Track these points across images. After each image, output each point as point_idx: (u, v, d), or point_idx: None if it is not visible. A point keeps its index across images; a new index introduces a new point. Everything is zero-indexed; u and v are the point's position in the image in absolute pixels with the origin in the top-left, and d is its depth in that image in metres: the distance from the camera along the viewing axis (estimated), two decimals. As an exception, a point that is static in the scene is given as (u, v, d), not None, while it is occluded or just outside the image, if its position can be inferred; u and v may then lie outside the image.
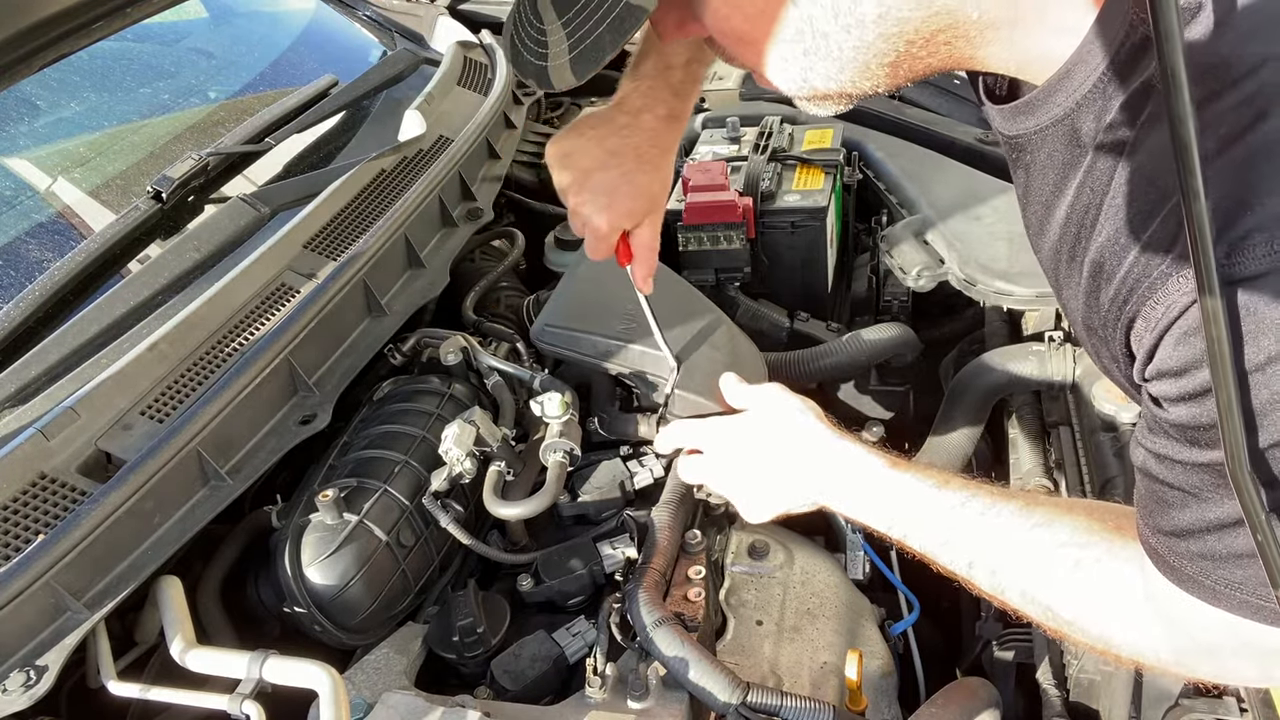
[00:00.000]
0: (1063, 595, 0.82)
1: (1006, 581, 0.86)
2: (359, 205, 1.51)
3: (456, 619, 1.10)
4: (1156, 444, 0.66)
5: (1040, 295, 1.48)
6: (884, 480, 0.94)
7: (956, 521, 0.88)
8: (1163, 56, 0.52)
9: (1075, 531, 0.82)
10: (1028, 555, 0.84)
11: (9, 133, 1.55)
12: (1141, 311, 0.62)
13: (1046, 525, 0.83)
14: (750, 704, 0.96)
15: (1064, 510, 0.85)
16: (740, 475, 1.06)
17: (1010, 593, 0.86)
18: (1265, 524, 0.58)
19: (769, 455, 1.03)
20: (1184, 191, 0.53)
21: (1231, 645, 0.70)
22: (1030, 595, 0.84)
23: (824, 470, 0.99)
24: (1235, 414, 0.56)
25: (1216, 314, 0.54)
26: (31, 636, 0.94)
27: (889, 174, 1.81)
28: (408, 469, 1.19)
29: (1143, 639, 0.77)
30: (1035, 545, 0.83)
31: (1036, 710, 1.13)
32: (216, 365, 1.21)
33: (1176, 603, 0.70)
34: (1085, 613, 0.81)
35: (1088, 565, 0.80)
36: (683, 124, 1.11)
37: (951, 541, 0.89)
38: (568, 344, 1.33)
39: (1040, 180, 0.73)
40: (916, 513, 0.92)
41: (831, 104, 0.74)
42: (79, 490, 1.03)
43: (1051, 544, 0.82)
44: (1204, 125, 0.53)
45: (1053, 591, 0.83)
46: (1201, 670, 0.77)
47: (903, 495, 0.93)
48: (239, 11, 2.24)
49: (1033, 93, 0.69)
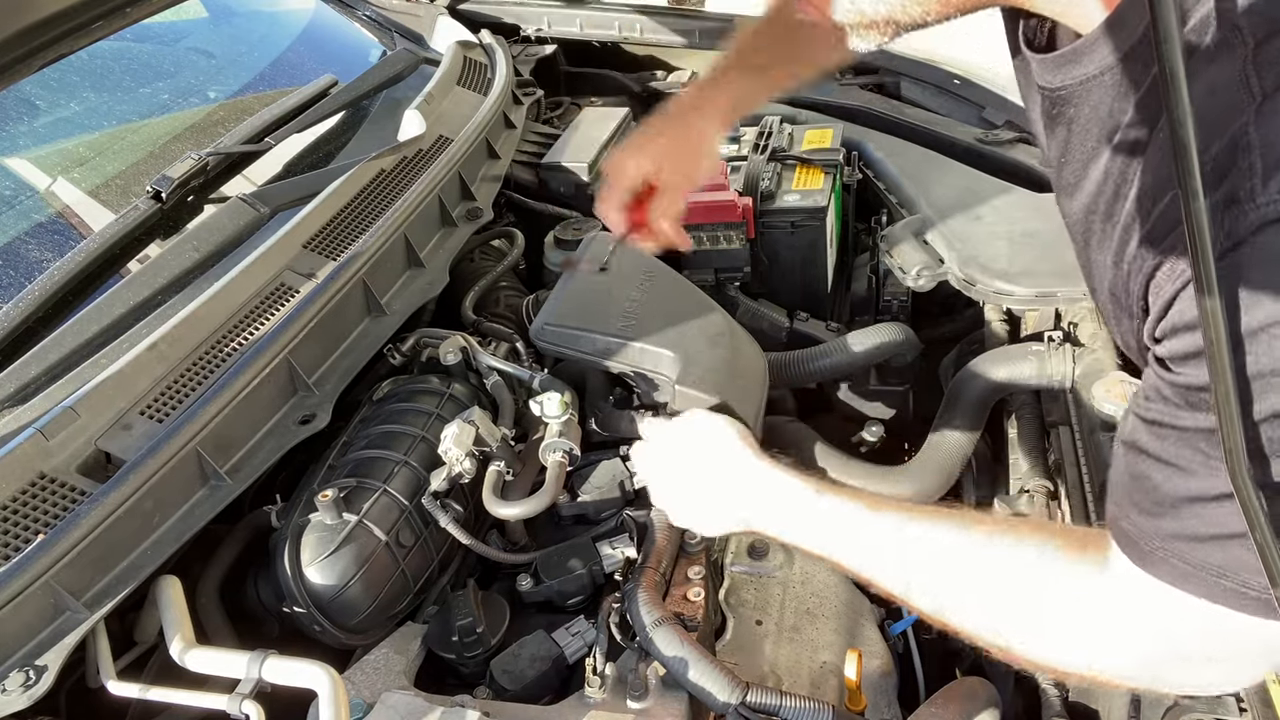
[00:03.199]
0: (1007, 614, 0.80)
1: (947, 604, 0.84)
2: (359, 205, 1.51)
3: (456, 619, 1.10)
4: (1152, 410, 0.65)
5: (1040, 295, 1.48)
6: (814, 506, 0.94)
7: (891, 545, 0.87)
8: (1162, 57, 0.52)
9: (1017, 548, 0.80)
10: (968, 576, 0.83)
11: (9, 133, 1.55)
12: (1167, 260, 0.60)
13: (986, 544, 0.82)
14: (750, 704, 0.96)
15: (1005, 528, 0.82)
16: (674, 491, 1.09)
17: (950, 614, 0.84)
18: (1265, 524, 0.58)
19: (700, 475, 1.05)
20: (1184, 191, 0.53)
21: (1203, 642, 0.68)
22: (973, 616, 0.82)
23: (753, 495, 1.00)
24: (1235, 413, 0.56)
25: (1216, 314, 0.54)
26: (31, 636, 0.94)
27: (889, 174, 1.81)
28: (407, 469, 1.19)
29: (1099, 651, 0.76)
30: (975, 565, 0.82)
31: (1036, 710, 1.13)
32: (216, 365, 1.21)
33: (1147, 597, 0.68)
34: (1033, 630, 0.79)
35: (1032, 581, 0.78)
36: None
37: (887, 566, 0.88)
38: (568, 342, 1.33)
39: (1082, 136, 0.71)
40: (850, 538, 0.91)
41: (876, 34, 0.72)
42: (79, 490, 1.03)
43: (993, 562, 0.81)
44: (1261, 64, 0.53)
45: (997, 611, 0.81)
46: (1166, 678, 0.75)
47: (834, 521, 0.92)
48: (239, 11, 2.24)
49: (1081, 40, 0.67)
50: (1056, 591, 0.77)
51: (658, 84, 2.41)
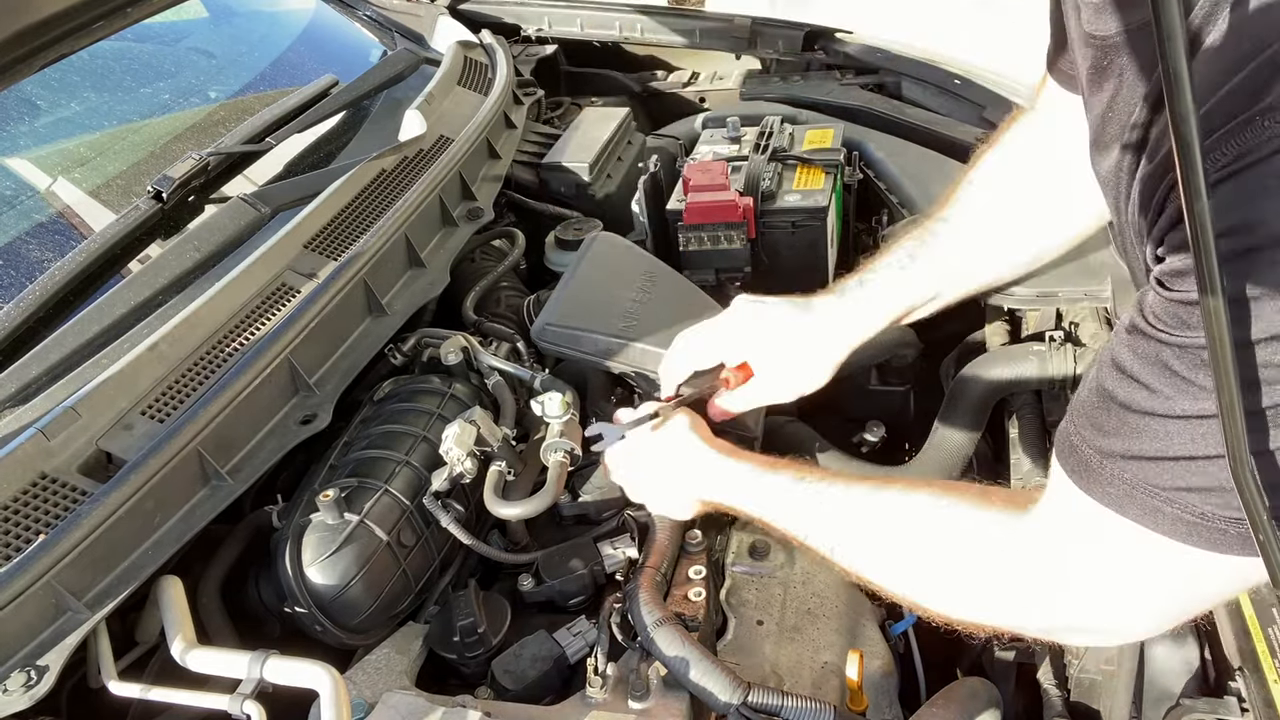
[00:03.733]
0: (920, 570, 0.86)
1: (865, 563, 0.90)
2: (359, 205, 1.50)
3: (457, 619, 1.10)
4: (1139, 324, 0.65)
5: (1041, 295, 1.48)
6: (751, 479, 1.03)
7: (815, 509, 0.94)
8: (1164, 56, 0.52)
9: (934, 505, 0.84)
10: (885, 534, 0.89)
11: (9, 133, 1.54)
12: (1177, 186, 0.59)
13: (902, 502, 0.87)
14: (751, 704, 0.96)
15: (921, 485, 0.87)
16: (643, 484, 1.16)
17: (871, 573, 0.90)
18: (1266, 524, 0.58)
19: (660, 465, 1.12)
20: (1185, 191, 0.53)
21: (1126, 577, 0.70)
22: (892, 573, 0.88)
23: (702, 476, 1.08)
24: (1237, 413, 0.56)
25: (1218, 312, 0.54)
26: (32, 636, 0.94)
27: (889, 174, 1.81)
28: (408, 469, 1.19)
29: (1008, 602, 0.79)
30: (892, 522, 0.88)
31: (1037, 710, 1.13)
32: (217, 365, 1.21)
33: (1075, 532, 0.70)
34: (947, 580, 0.84)
35: (945, 535, 0.82)
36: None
37: (812, 529, 0.95)
38: (569, 343, 1.33)
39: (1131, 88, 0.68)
40: (780, 505, 0.99)
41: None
42: (79, 490, 1.03)
43: (908, 518, 0.86)
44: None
45: (911, 567, 0.86)
46: (1094, 625, 0.77)
47: (768, 490, 1.01)
48: (239, 11, 2.24)
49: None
50: (970, 544, 0.81)
51: (658, 84, 2.41)
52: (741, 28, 2.29)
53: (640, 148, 2.01)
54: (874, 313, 1.13)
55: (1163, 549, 0.65)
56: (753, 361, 1.15)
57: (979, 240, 1.12)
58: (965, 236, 1.12)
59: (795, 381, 1.15)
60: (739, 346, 1.14)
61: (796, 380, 1.15)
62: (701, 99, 2.36)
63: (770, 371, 1.15)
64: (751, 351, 1.14)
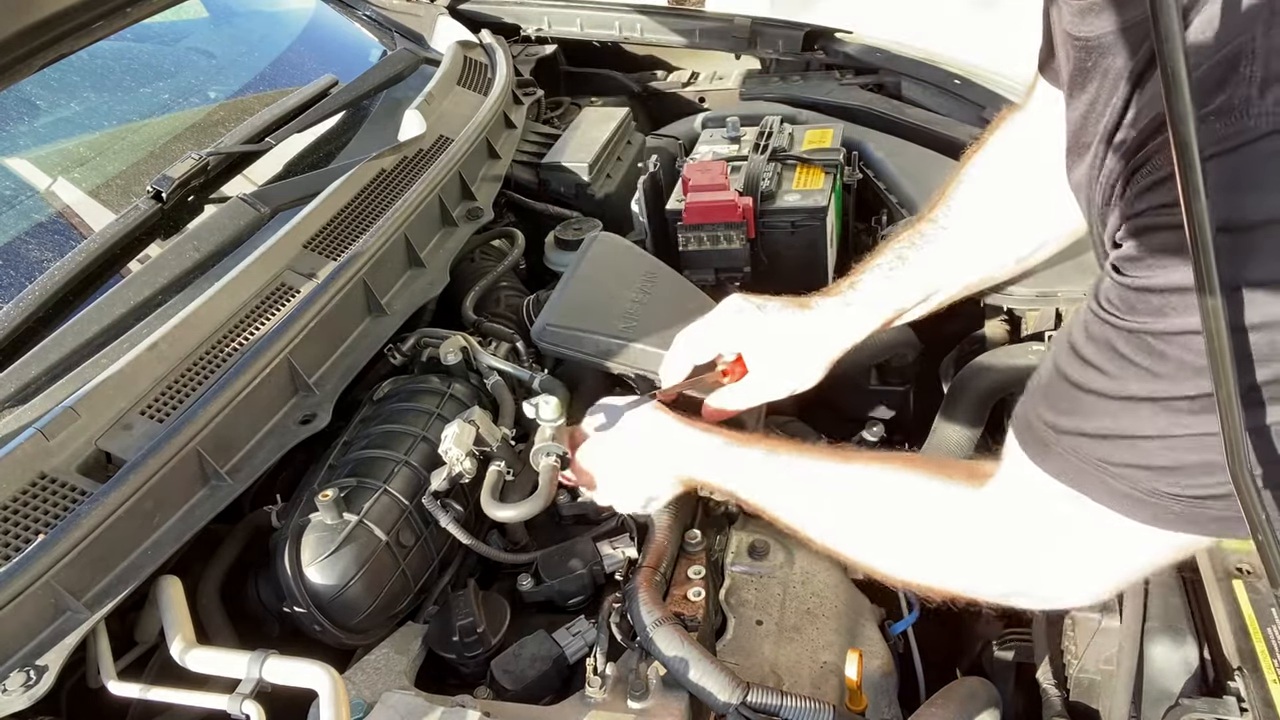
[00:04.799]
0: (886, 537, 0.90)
1: (831, 534, 0.94)
2: (359, 205, 1.50)
3: (456, 619, 1.10)
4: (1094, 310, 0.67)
5: (1040, 295, 1.48)
6: (724, 454, 1.05)
7: (785, 482, 0.98)
8: (1163, 56, 0.52)
9: (897, 477, 0.88)
10: (849, 504, 0.92)
11: (9, 133, 1.55)
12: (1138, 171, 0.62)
13: (867, 474, 0.91)
14: (750, 704, 0.96)
15: (886, 459, 0.92)
16: (600, 473, 1.16)
17: (836, 542, 0.93)
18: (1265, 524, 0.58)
19: (624, 449, 1.14)
20: (1184, 191, 0.53)
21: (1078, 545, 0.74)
22: (856, 543, 0.92)
23: (679, 454, 1.10)
24: (1236, 414, 0.56)
25: (1217, 312, 0.54)
26: (31, 636, 0.94)
27: (889, 174, 1.81)
28: (408, 469, 1.19)
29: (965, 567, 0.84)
30: (856, 494, 0.92)
31: (1036, 710, 1.13)
32: (216, 365, 1.21)
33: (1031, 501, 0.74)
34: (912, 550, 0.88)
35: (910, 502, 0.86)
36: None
37: (783, 502, 0.98)
38: (569, 344, 1.33)
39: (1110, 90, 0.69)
40: (752, 479, 1.02)
41: None
42: (79, 490, 1.03)
43: (871, 490, 0.90)
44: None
45: (876, 535, 0.90)
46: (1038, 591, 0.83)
47: (741, 464, 1.03)
48: (239, 11, 2.24)
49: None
50: (930, 514, 0.85)
51: (657, 84, 2.41)
52: (741, 28, 2.29)
53: (640, 148, 2.01)
54: (866, 315, 1.15)
55: (1108, 521, 0.69)
56: (747, 357, 1.16)
57: (968, 241, 1.13)
58: (955, 237, 1.13)
59: (788, 379, 1.17)
60: (734, 342, 1.16)
61: (789, 378, 1.17)
62: (701, 99, 2.36)
63: (764, 368, 1.16)
64: (747, 347, 1.16)
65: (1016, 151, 1.09)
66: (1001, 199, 1.10)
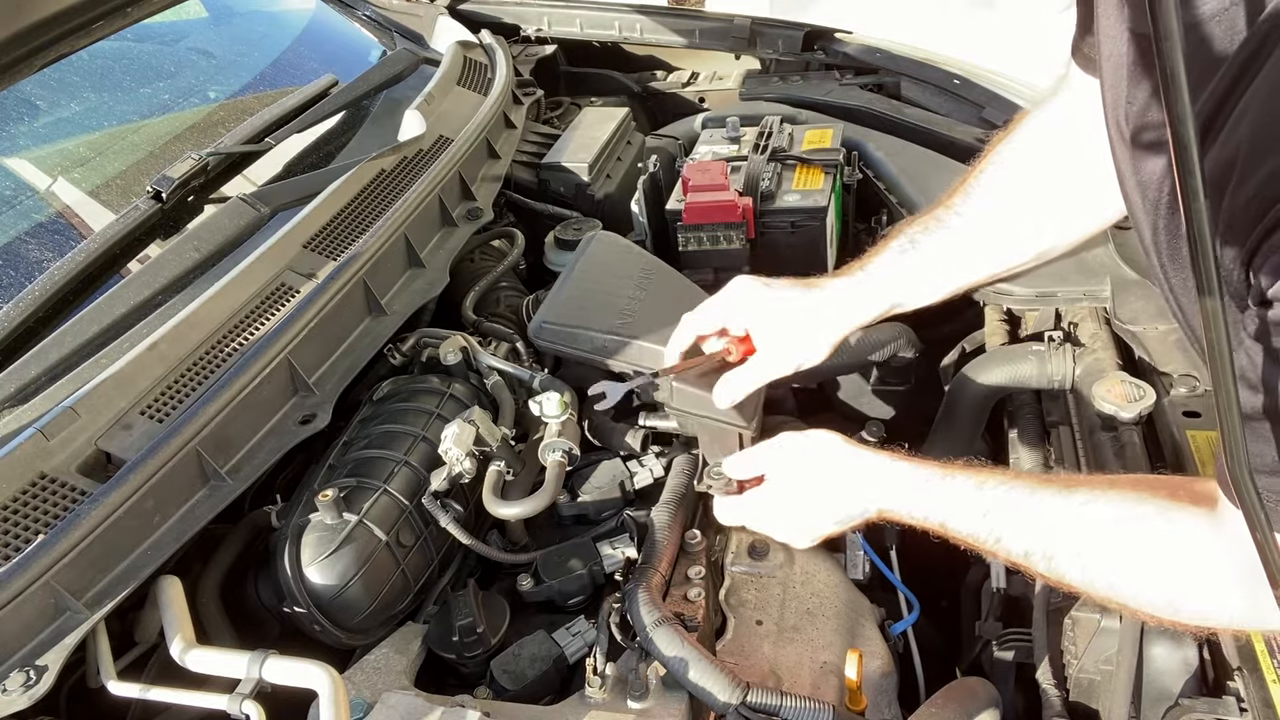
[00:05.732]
0: (1122, 569, 0.84)
1: (1063, 566, 0.88)
2: (359, 205, 1.51)
3: (456, 619, 1.10)
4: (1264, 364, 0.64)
5: (1040, 295, 1.48)
6: (930, 485, 0.97)
7: (1004, 515, 0.91)
8: (1162, 56, 0.52)
9: (1124, 503, 0.84)
10: (1080, 535, 0.86)
11: (9, 133, 1.55)
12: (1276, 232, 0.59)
13: (1092, 502, 0.86)
14: (750, 704, 0.96)
15: (1106, 485, 0.87)
16: (784, 506, 1.07)
17: (1069, 575, 0.88)
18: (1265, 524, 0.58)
19: (817, 480, 1.05)
20: (1184, 191, 0.53)
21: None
22: (1090, 574, 0.86)
23: (876, 484, 1.02)
24: (1236, 414, 0.56)
25: (1217, 313, 0.54)
26: (31, 636, 0.94)
27: (889, 174, 1.81)
28: (407, 469, 1.19)
29: (1212, 598, 0.78)
30: (1086, 524, 0.86)
31: (1036, 710, 1.13)
32: (216, 365, 1.21)
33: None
34: (1147, 582, 0.83)
35: (1144, 534, 0.82)
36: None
37: (1005, 535, 0.92)
38: (565, 340, 1.33)
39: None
40: (965, 512, 0.94)
41: None
42: (79, 490, 1.03)
43: (1103, 520, 0.84)
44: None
45: (1112, 567, 0.84)
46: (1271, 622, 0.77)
47: (950, 496, 0.95)
48: (239, 11, 2.24)
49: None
50: (1162, 543, 0.81)
51: (657, 84, 2.41)
52: (741, 28, 2.29)
53: (640, 148, 2.01)
54: (874, 295, 1.13)
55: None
56: (754, 333, 1.14)
57: (985, 229, 1.11)
58: (970, 224, 1.11)
59: (795, 354, 1.14)
60: (742, 317, 1.14)
61: (796, 352, 1.14)
62: (701, 99, 2.36)
63: (771, 344, 1.14)
64: (754, 322, 1.14)
65: (1047, 140, 1.07)
66: (1025, 187, 1.08)
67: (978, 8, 4.40)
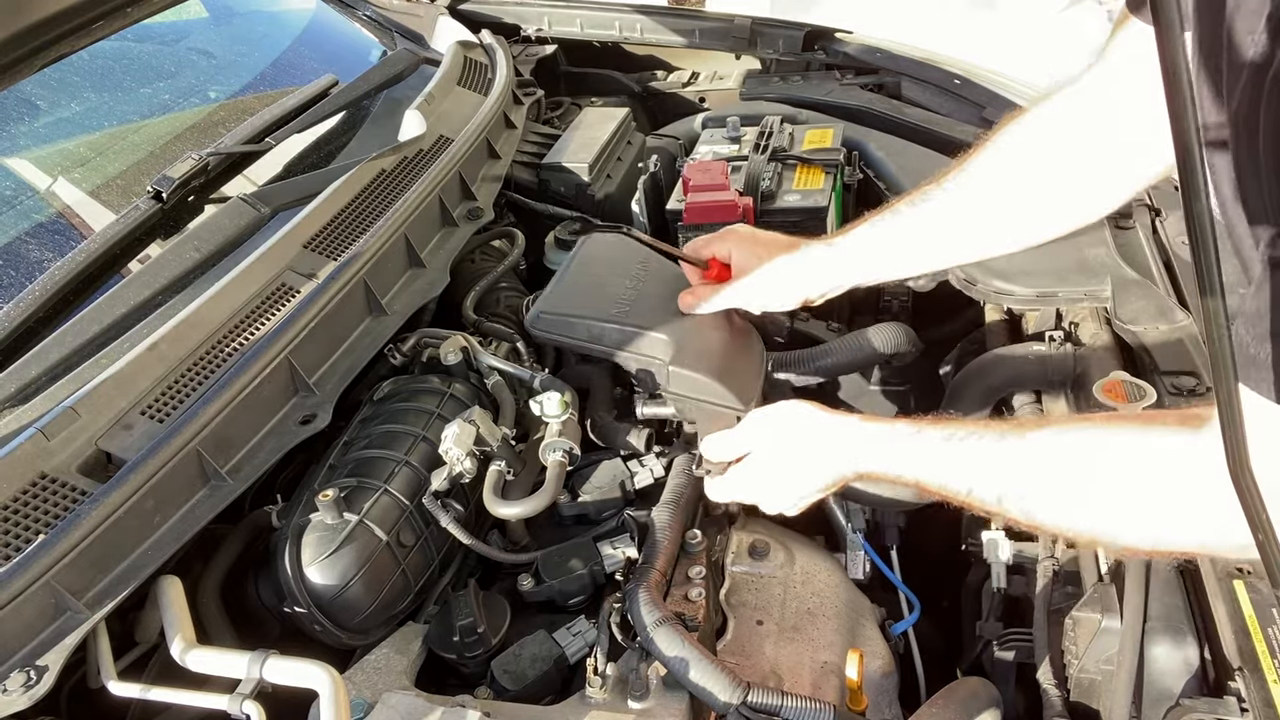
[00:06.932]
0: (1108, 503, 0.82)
1: (1035, 506, 0.87)
2: (359, 205, 1.50)
3: (457, 619, 1.10)
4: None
5: (1041, 295, 1.47)
6: (903, 440, 0.99)
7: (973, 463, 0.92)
8: (1163, 55, 0.52)
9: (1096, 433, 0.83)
10: (1058, 475, 0.86)
11: (9, 133, 1.55)
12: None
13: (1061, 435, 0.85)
14: (751, 704, 0.96)
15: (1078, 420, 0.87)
16: (768, 477, 1.10)
17: (1042, 517, 0.87)
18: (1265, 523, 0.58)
19: (795, 447, 1.08)
20: (1184, 192, 0.53)
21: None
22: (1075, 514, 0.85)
23: (852, 443, 1.04)
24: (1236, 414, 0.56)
25: (1217, 313, 0.54)
26: (32, 636, 0.94)
27: (889, 174, 1.81)
28: (408, 469, 1.19)
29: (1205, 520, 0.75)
30: (1063, 462, 0.85)
31: (1037, 710, 1.13)
32: (216, 365, 1.21)
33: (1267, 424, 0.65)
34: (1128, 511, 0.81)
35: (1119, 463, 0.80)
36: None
37: (976, 483, 0.92)
38: (562, 329, 1.33)
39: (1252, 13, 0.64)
40: (936, 463, 0.95)
41: None
42: (79, 490, 1.03)
43: (1070, 449, 0.84)
44: None
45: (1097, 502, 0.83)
46: None
47: (922, 450, 0.97)
48: (239, 11, 2.24)
49: None
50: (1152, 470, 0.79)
51: (658, 84, 2.41)
52: (741, 28, 2.29)
53: (640, 148, 2.01)
54: (848, 262, 1.19)
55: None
56: (734, 264, 1.26)
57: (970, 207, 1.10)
58: (957, 202, 1.11)
59: (763, 295, 1.25)
60: (728, 244, 1.27)
61: (764, 294, 1.25)
62: (701, 99, 2.36)
63: (743, 280, 1.24)
64: (735, 254, 1.26)
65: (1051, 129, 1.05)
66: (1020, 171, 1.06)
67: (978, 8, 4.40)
